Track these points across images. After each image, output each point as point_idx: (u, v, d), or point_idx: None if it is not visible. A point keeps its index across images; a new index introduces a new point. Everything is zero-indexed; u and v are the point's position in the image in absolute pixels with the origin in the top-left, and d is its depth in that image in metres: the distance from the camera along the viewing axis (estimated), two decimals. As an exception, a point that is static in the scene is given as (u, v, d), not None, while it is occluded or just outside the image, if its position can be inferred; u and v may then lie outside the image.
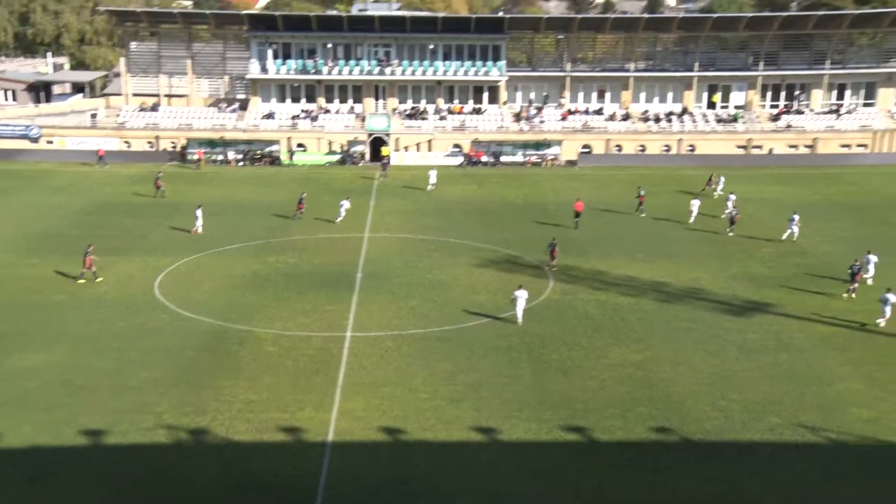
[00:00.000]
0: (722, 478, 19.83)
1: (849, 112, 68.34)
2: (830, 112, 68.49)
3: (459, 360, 26.49)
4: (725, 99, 69.50)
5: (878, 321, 29.36)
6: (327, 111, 66.68)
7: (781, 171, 61.08)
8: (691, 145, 66.50)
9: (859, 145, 66.77)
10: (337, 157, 63.39)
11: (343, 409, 22.99)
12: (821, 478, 19.80)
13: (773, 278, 35.11)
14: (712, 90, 69.42)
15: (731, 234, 41.30)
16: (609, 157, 65.22)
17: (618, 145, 66.00)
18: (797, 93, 69.04)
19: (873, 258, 34.18)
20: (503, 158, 64.00)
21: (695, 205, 44.50)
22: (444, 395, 24.07)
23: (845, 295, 31.99)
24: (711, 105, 69.43)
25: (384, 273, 34.95)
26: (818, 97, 69.16)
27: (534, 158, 64.13)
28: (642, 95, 69.24)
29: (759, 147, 66.50)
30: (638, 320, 30.29)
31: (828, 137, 66.44)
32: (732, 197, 45.42)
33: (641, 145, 66.22)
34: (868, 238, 41.34)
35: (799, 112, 68.60)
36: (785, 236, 40.54)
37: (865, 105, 69.34)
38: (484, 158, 63.51)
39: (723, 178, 52.22)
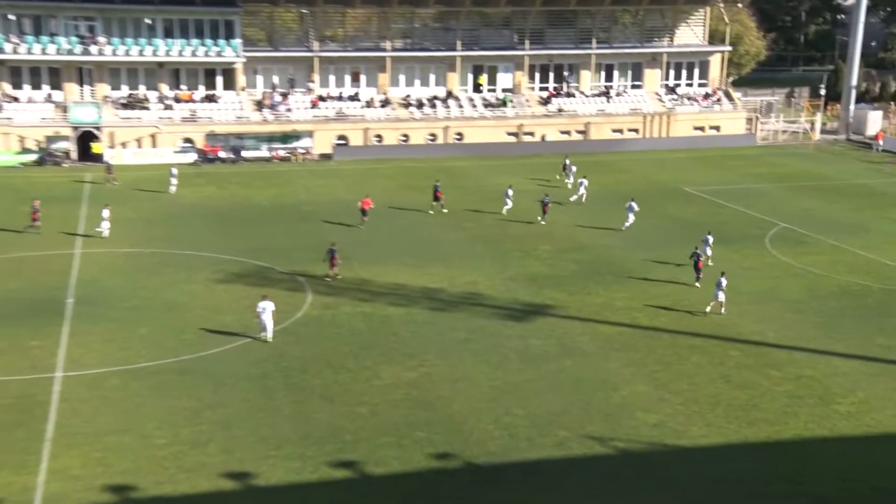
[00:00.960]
0: (509, 503, 20.70)
1: (618, 94, 75.12)
2: (601, 95, 74.75)
3: (204, 394, 25.51)
4: (492, 81, 73.25)
5: (707, 309, 32.66)
6: (15, 99, 61.18)
7: (555, 159, 65.66)
8: (459, 133, 69.31)
9: (630, 129, 73.53)
10: (33, 157, 58.45)
11: (54, 469, 21.30)
12: (611, 490, 21.36)
13: (552, 277, 37.40)
14: (477, 71, 72.82)
15: (542, 222, 45.54)
16: (369, 150, 66.02)
17: (378, 135, 66.98)
18: (566, 73, 74.68)
19: (710, 238, 38.70)
20: (245, 154, 62.62)
21: (509, 194, 47.69)
22: (186, 439, 23.05)
23: (698, 284, 35.25)
24: (478, 88, 72.93)
25: (103, 296, 32.88)
26: (587, 79, 75.36)
27: (281, 153, 63.44)
28: (402, 78, 70.87)
29: (531, 134, 70.92)
30: (411, 334, 30.85)
31: (599, 122, 72.27)
32: (584, 182, 50.58)
33: (404, 135, 67.75)
34: (653, 229, 45.59)
35: (569, 95, 74.22)
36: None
37: (634, 87, 76.53)
38: (221, 154, 61.69)
39: (574, 167, 56.49)
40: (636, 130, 73.45)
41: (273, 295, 31.43)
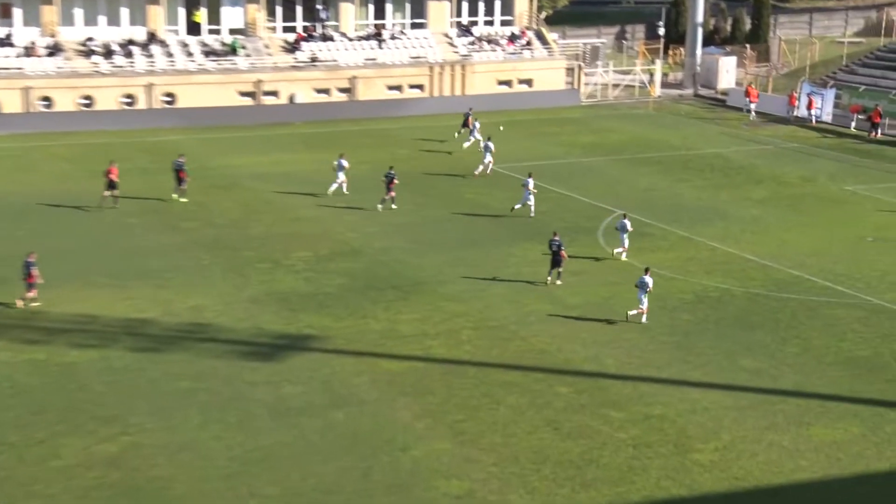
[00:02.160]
0: None
1: (394, 38, 76.45)
2: (370, 38, 75.84)
3: None
4: (214, 18, 72.46)
5: (631, 312, 35.18)
6: None
7: (310, 129, 65.69)
8: (169, 94, 68.06)
9: (413, 86, 75.21)
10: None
11: None
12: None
13: (312, 297, 37.49)
14: (192, 4, 71.80)
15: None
16: (31, 119, 63.65)
17: (45, 97, 64.83)
18: (320, 7, 75.03)
19: (628, 224, 42.16)
20: None
21: (341, 172, 50.38)
22: None
23: (549, 280, 38.85)
24: (194, 28, 71.85)
25: None
26: (350, 15, 76.10)
27: None
28: (78, 14, 68.70)
29: (274, 94, 70.81)
30: (107, 387, 29.90)
31: (370, 76, 73.44)
32: (490, 145, 55.65)
33: (86, 97, 65.89)
34: (445, 222, 47.04)
35: (326, 38, 74.64)
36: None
37: (415, 27, 78.29)
38: None
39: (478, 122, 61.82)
40: (420, 87, 75.08)
41: None
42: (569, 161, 59.85)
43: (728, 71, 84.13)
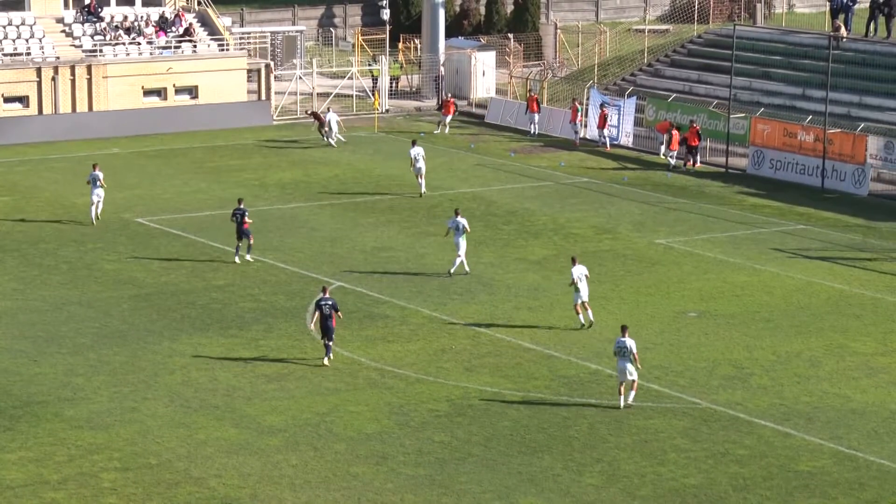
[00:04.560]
0: None
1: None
2: None
3: None
4: None
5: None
6: None
7: None
8: None
9: (10, 99, 74.23)
10: None
11: None
12: None
13: None
14: None
15: None
16: None
17: None
18: None
19: (463, 222, 49.86)
20: None
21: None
22: None
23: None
24: None
25: None
26: None
27: None
28: None
29: None
30: None
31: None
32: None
33: None
34: (82, 318, 46.51)
35: None
36: None
37: (6, 8, 77.20)
38: None
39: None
40: (22, 101, 74.20)
41: None
42: (258, 209, 59.87)
43: (485, 73, 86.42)
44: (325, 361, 41.59)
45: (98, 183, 56.41)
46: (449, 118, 77.27)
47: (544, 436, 37.01)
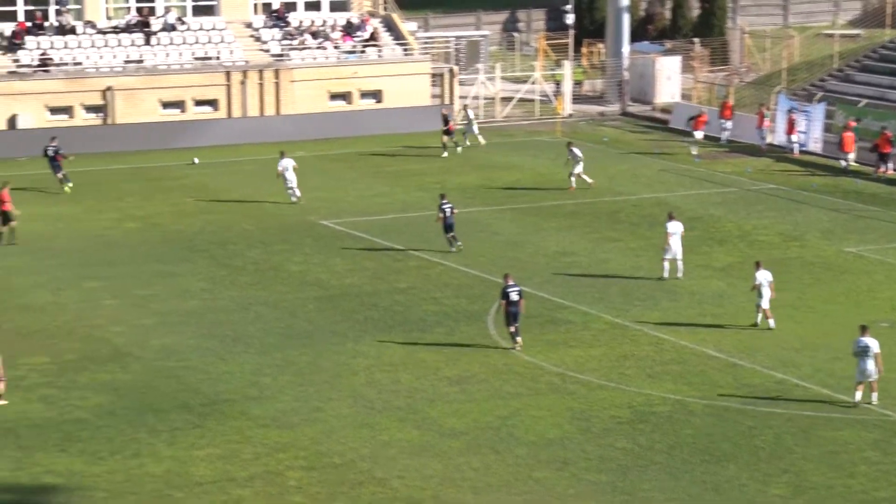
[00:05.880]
0: None
1: (168, 30, 76.46)
2: (132, 30, 76.06)
3: None
4: None
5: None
6: None
7: (41, 169, 64.94)
8: None
9: (201, 102, 75.43)
10: None
11: None
12: None
13: (55, 426, 36.99)
14: None
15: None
16: None
17: None
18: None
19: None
20: None
21: None
22: None
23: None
24: None
25: None
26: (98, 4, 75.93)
27: None
28: None
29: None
30: None
31: (133, 87, 73.73)
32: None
33: None
34: (268, 318, 47.19)
35: (65, 31, 74.43)
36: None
37: (200, 12, 78.48)
38: None
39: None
40: (212, 104, 75.41)
41: None
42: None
43: (670, 77, 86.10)
44: (517, 348, 42.68)
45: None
46: (700, 134, 75.34)
47: (729, 445, 36.71)
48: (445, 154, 69.77)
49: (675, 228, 49.79)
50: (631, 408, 39.12)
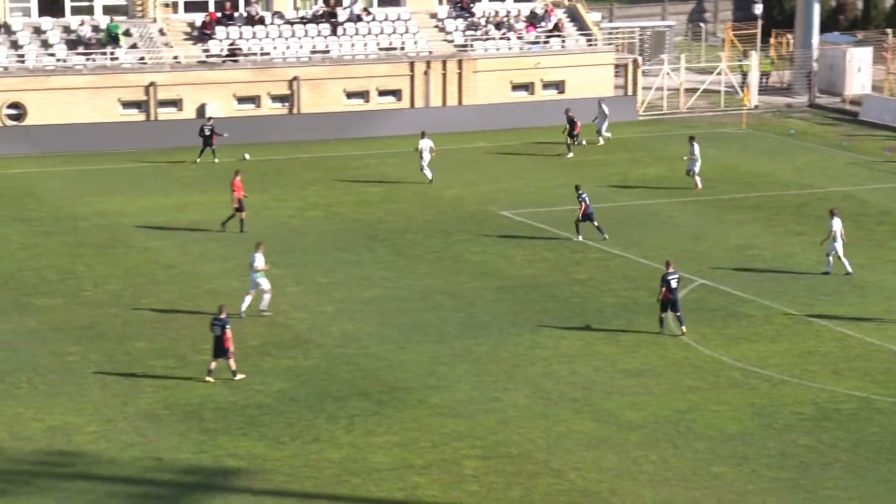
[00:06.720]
0: None
1: (354, 20, 76.66)
2: (318, 21, 76.38)
3: None
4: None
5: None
6: None
7: (226, 156, 65.82)
8: (15, 105, 68.51)
9: (385, 92, 75.59)
10: None
11: None
12: None
13: (239, 410, 37.59)
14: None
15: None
16: None
17: None
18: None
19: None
20: None
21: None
22: None
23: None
24: (53, 8, 71.98)
25: None
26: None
27: None
28: None
29: (175, 104, 70.91)
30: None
31: (319, 77, 73.93)
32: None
33: None
34: (447, 308, 47.43)
35: (254, 21, 75.06)
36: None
37: (385, 3, 78.41)
38: None
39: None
40: (395, 94, 75.67)
41: None
42: (620, 204, 60.01)
43: (860, 69, 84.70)
44: (682, 334, 43.23)
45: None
46: None
47: (917, 444, 36.20)
48: (571, 154, 69.05)
49: (838, 226, 49.25)
50: (814, 404, 38.62)
